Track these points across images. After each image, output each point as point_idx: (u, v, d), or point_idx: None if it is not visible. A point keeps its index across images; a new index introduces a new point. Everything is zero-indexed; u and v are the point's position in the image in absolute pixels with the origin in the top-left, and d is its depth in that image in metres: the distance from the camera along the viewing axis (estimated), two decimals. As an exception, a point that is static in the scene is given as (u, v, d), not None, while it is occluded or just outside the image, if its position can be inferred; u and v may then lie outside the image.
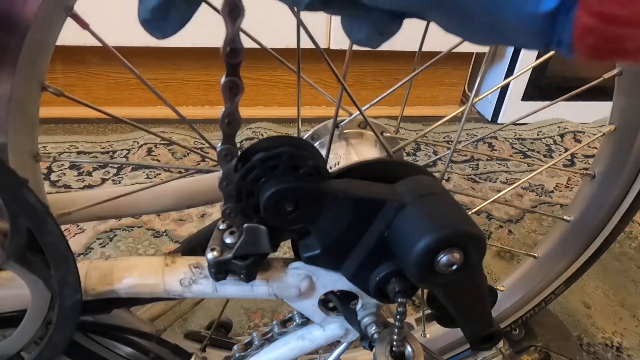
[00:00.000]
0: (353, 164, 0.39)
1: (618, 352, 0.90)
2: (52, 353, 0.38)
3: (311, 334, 0.48)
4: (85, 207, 0.47)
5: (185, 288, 0.40)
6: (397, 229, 0.34)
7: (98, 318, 0.49)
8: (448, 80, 1.87)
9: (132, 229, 1.11)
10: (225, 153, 0.32)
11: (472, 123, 1.81)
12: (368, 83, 1.76)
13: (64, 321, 0.36)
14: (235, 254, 0.36)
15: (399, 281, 0.37)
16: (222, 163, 0.32)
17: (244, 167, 0.32)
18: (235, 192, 0.33)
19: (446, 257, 0.32)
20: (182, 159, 1.43)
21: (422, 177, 0.37)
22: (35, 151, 0.40)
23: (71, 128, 1.57)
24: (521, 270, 0.69)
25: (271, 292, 0.40)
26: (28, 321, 0.37)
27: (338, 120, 0.52)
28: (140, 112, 1.66)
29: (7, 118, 0.35)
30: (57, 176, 1.30)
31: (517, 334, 0.76)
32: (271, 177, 0.33)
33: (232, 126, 0.31)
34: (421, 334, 0.73)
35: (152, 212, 0.55)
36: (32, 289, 0.35)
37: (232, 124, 0.30)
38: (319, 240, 0.36)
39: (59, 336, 0.37)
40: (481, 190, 1.38)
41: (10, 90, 0.34)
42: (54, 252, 0.33)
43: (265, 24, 1.46)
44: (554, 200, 1.35)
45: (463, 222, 0.32)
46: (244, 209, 0.34)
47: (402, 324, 0.39)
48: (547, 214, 1.26)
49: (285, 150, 0.32)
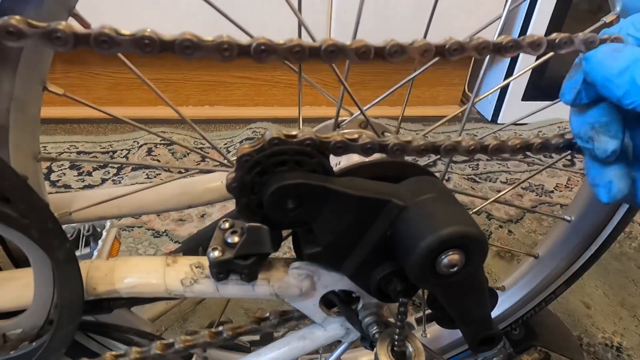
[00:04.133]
0: (357, 163, 0.39)
1: (618, 352, 0.90)
2: (53, 352, 0.38)
3: (312, 334, 0.48)
4: (85, 207, 0.47)
5: (187, 288, 0.40)
6: (399, 229, 0.34)
7: (99, 318, 0.49)
8: (448, 80, 1.87)
9: (132, 229, 1.11)
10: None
11: (472, 123, 1.82)
12: (369, 83, 1.76)
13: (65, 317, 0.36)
14: (237, 253, 0.36)
15: (400, 281, 0.37)
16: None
17: (249, 162, 0.32)
18: (239, 187, 0.33)
19: (447, 258, 0.32)
20: (182, 159, 1.43)
21: (425, 178, 0.37)
22: (37, 151, 0.40)
23: (71, 128, 1.57)
24: (521, 270, 0.69)
25: (272, 292, 0.40)
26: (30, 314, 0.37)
27: (339, 120, 0.52)
28: (140, 112, 1.66)
29: (9, 118, 0.35)
30: (57, 176, 1.30)
31: (517, 334, 0.76)
32: (276, 172, 0.33)
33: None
34: (422, 333, 0.73)
35: (153, 212, 0.55)
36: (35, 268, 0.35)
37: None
38: (321, 237, 0.36)
39: (60, 335, 0.37)
40: (481, 190, 1.38)
41: (12, 90, 0.34)
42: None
43: (265, 24, 1.46)
44: (554, 200, 1.35)
45: (465, 223, 0.32)
46: (248, 204, 0.34)
47: (403, 323, 0.39)
48: (547, 214, 1.26)
49: (290, 147, 0.32)
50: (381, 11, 1.54)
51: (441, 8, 0.48)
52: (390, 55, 0.30)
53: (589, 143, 0.34)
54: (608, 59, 0.30)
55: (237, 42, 0.28)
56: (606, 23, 0.43)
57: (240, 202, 0.34)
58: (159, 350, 0.42)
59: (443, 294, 0.37)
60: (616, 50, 0.30)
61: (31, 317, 0.38)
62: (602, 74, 0.30)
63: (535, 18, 1.58)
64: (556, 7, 1.55)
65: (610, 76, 0.30)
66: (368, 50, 0.29)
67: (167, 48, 0.27)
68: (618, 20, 0.43)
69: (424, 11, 1.52)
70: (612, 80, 0.30)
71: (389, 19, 1.55)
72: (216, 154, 0.50)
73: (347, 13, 1.49)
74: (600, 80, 0.31)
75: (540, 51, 0.32)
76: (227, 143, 1.54)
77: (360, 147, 0.34)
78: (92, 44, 0.26)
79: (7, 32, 0.24)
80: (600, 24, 0.43)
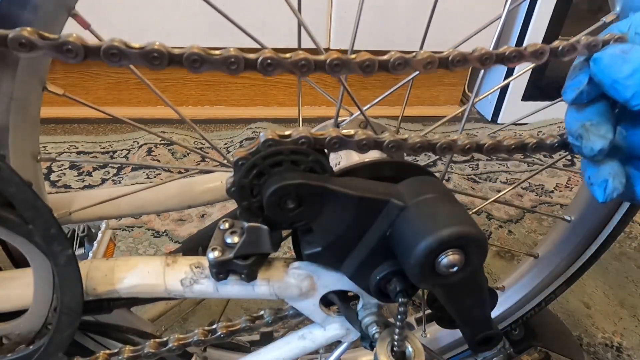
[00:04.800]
0: (356, 163, 0.39)
1: (618, 352, 0.90)
2: (51, 355, 0.38)
3: (312, 334, 0.48)
4: (85, 207, 0.47)
5: (187, 288, 0.40)
6: (399, 229, 0.34)
7: (99, 318, 0.49)
8: (448, 80, 1.87)
9: (132, 229, 1.11)
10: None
11: (472, 123, 1.82)
12: (368, 83, 1.76)
13: (64, 321, 0.36)
14: (237, 253, 0.36)
15: (399, 281, 0.37)
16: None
17: (245, 165, 0.33)
18: (239, 191, 0.33)
19: (447, 259, 0.32)
20: (182, 159, 1.43)
21: (424, 178, 0.37)
22: (37, 151, 0.40)
23: (71, 128, 1.57)
24: (521, 270, 0.69)
25: (272, 292, 0.40)
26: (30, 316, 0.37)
27: (339, 120, 0.52)
28: (140, 112, 1.66)
29: (9, 118, 0.35)
30: (57, 176, 1.30)
31: (517, 334, 0.76)
32: (274, 174, 0.33)
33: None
34: (421, 333, 0.73)
35: (153, 212, 0.56)
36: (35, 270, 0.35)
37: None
38: (321, 237, 0.36)
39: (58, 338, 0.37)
40: (481, 190, 1.38)
41: (11, 90, 0.34)
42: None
43: (265, 24, 1.46)
44: (554, 200, 1.35)
45: (465, 223, 0.32)
46: (250, 207, 0.34)
47: (403, 323, 0.39)
48: (547, 214, 1.26)
49: (285, 147, 0.32)
50: (381, 11, 1.54)
51: (441, 8, 0.48)
52: (394, 68, 0.31)
53: (578, 140, 0.35)
54: (617, 61, 0.30)
55: (244, 56, 0.29)
56: (606, 23, 0.43)
57: (241, 206, 0.34)
58: (152, 348, 0.42)
59: (443, 294, 0.37)
60: (624, 52, 0.30)
61: (29, 321, 0.38)
62: (611, 76, 0.31)
63: (535, 18, 1.57)
64: (556, 7, 1.55)
65: (619, 78, 0.30)
66: (372, 63, 0.31)
67: (175, 62, 0.28)
68: (618, 20, 0.43)
69: (423, 11, 1.52)
70: (621, 82, 0.30)
71: (389, 19, 1.55)
72: (216, 154, 0.50)
73: (347, 13, 1.49)
74: (609, 82, 0.31)
75: (544, 59, 0.32)
76: (227, 143, 1.54)
77: (356, 143, 0.34)
78: (102, 57, 0.27)
79: (20, 43, 0.25)
80: (600, 24, 0.43)
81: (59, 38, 0.26)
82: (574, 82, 0.34)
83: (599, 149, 0.34)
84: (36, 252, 0.33)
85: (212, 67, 0.28)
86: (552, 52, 0.32)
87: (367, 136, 0.34)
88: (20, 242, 0.33)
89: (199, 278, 0.40)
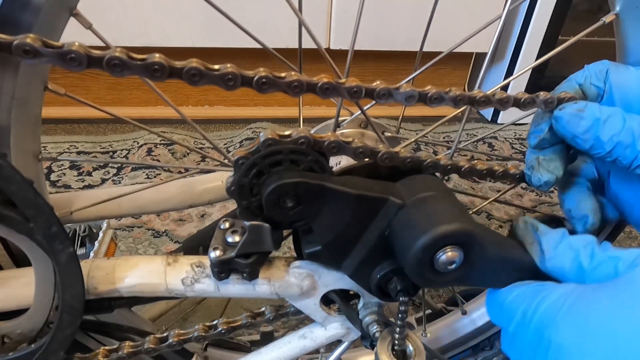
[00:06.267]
0: (356, 163, 0.39)
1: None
2: (52, 354, 0.38)
3: (312, 333, 0.48)
4: (86, 207, 0.47)
5: (188, 287, 0.40)
6: (398, 227, 0.34)
7: (100, 317, 0.49)
8: (448, 80, 1.87)
9: (132, 229, 1.11)
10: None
11: (472, 123, 1.82)
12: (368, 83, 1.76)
13: (65, 320, 0.36)
14: (239, 252, 0.36)
15: (400, 280, 0.37)
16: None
17: (245, 164, 0.33)
18: (238, 190, 0.33)
19: (445, 255, 0.32)
20: (182, 159, 1.43)
21: (423, 176, 0.37)
22: (38, 151, 0.40)
23: (71, 128, 1.57)
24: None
25: (273, 290, 0.40)
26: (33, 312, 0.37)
27: (339, 120, 0.52)
28: (140, 112, 1.66)
29: (10, 117, 0.35)
30: (57, 176, 1.30)
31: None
32: (273, 173, 0.33)
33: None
34: (422, 333, 0.73)
35: (153, 212, 0.56)
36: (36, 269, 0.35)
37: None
38: (321, 236, 0.36)
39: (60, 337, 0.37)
40: (481, 190, 1.38)
41: (13, 90, 0.34)
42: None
43: (266, 24, 1.46)
44: (553, 200, 1.36)
45: (461, 220, 0.33)
46: (249, 207, 0.34)
47: (404, 322, 0.39)
48: (547, 214, 1.26)
49: (284, 146, 0.33)
50: (381, 11, 1.54)
51: (441, 8, 0.48)
52: (379, 97, 0.35)
53: (529, 170, 0.40)
54: (574, 119, 0.36)
55: (241, 73, 0.30)
56: (605, 23, 0.43)
57: (241, 205, 0.34)
58: (152, 344, 0.42)
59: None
60: (580, 110, 0.35)
61: (30, 319, 0.38)
62: (571, 132, 0.36)
63: (535, 18, 1.58)
64: (556, 7, 1.55)
65: (578, 133, 0.35)
66: (359, 90, 0.34)
67: (175, 74, 0.29)
68: (618, 20, 0.43)
69: (423, 11, 1.52)
70: (580, 137, 0.35)
71: (389, 19, 1.55)
72: (216, 153, 0.50)
73: (347, 13, 1.49)
74: (570, 136, 0.36)
75: (507, 108, 0.37)
76: (227, 143, 1.54)
77: (353, 150, 0.35)
78: (104, 67, 0.27)
79: (24, 50, 0.26)
80: (599, 24, 0.43)
81: (63, 46, 0.26)
82: (537, 129, 0.39)
83: (544, 181, 0.39)
84: (38, 251, 0.33)
85: (210, 82, 0.30)
86: (515, 102, 0.37)
87: (364, 145, 0.35)
88: (22, 240, 0.33)
89: (200, 277, 0.40)
